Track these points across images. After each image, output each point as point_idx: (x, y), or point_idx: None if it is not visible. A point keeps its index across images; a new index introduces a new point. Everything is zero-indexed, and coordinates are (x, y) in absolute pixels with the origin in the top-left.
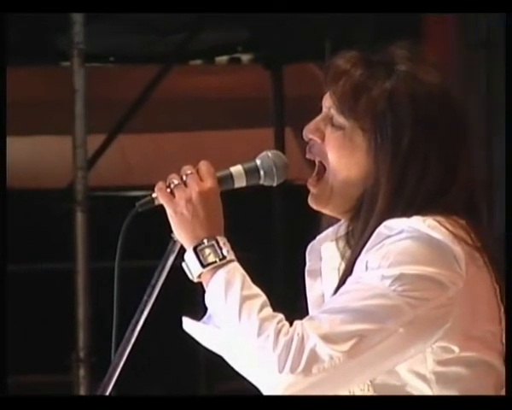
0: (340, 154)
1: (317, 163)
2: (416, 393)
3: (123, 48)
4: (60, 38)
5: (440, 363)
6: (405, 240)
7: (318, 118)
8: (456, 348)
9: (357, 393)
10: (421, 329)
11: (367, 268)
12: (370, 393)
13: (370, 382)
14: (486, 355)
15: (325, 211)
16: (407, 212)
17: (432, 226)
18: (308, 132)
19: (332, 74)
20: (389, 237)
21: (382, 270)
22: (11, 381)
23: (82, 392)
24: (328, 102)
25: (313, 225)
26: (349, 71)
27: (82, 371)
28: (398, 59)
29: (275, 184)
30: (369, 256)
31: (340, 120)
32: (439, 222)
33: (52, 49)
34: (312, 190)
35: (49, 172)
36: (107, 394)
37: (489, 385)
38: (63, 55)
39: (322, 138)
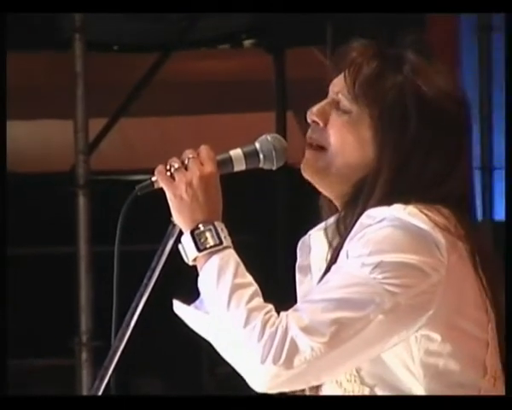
0: (344, 138)
1: (315, 145)
2: (402, 383)
3: (124, 36)
4: (61, 21)
5: (426, 353)
6: (386, 228)
7: (324, 102)
8: (438, 337)
9: (344, 383)
10: (403, 316)
11: (348, 257)
12: (357, 383)
13: (357, 372)
14: (470, 346)
15: (317, 184)
16: (401, 200)
17: (412, 214)
18: (312, 115)
19: (347, 63)
20: (370, 225)
21: (363, 258)
22: (13, 365)
23: (84, 376)
24: (337, 88)
25: (315, 209)
26: (364, 61)
27: (84, 355)
28: (410, 54)
29: (274, 168)
30: (351, 245)
31: (347, 105)
32: (420, 210)
33: (54, 33)
34: (307, 155)
35: (51, 156)
36: (108, 377)
37: (475, 377)
38: (65, 39)
39: (326, 122)
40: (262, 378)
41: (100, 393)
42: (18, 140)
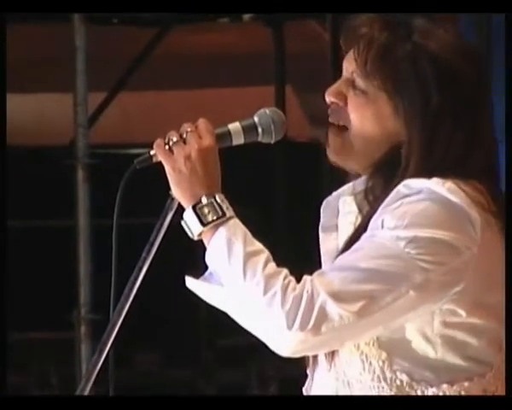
0: (363, 116)
1: (338, 126)
2: (419, 351)
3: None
4: None
5: (447, 325)
6: (423, 202)
7: (339, 82)
8: (463, 313)
9: (362, 346)
10: (432, 292)
11: (383, 227)
12: (375, 347)
13: (376, 337)
14: (492, 324)
15: (343, 165)
16: (435, 173)
17: (450, 190)
18: (329, 96)
19: (356, 38)
20: (407, 196)
21: (398, 230)
22: (12, 338)
23: (83, 349)
24: (350, 66)
25: (313, 181)
26: (374, 35)
27: (83, 329)
28: (417, 21)
29: (272, 142)
30: (386, 215)
31: (362, 83)
32: (457, 185)
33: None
34: (330, 141)
35: (51, 130)
36: (106, 351)
37: (491, 354)
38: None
39: (345, 102)
40: (288, 344)
41: (98, 366)
42: (17, 113)
